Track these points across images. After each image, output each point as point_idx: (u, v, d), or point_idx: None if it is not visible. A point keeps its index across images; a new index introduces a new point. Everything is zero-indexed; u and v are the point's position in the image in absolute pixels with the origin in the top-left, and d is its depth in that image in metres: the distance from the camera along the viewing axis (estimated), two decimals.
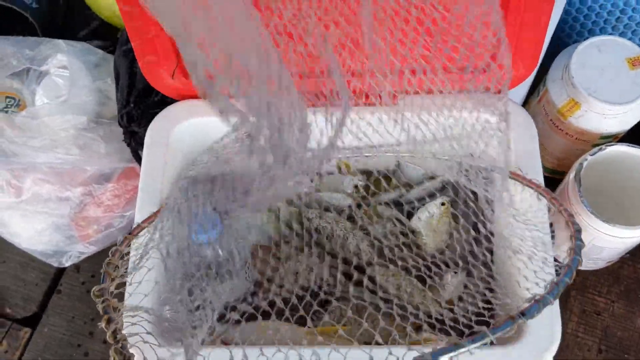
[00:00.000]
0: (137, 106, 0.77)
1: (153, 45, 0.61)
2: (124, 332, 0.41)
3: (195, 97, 0.65)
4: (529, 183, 0.61)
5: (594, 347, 0.79)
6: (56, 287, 0.87)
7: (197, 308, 0.52)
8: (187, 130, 0.65)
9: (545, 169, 0.85)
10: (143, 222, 0.57)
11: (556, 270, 0.56)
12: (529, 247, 0.59)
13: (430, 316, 0.62)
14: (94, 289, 0.45)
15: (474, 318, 0.56)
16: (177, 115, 0.65)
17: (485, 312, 0.58)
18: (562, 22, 0.83)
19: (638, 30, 0.80)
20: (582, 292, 0.82)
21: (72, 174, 0.82)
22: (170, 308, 0.52)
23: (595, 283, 0.82)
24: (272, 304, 0.59)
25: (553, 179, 0.83)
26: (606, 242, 0.71)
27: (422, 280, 0.66)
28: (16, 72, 0.84)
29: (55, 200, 0.83)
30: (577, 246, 0.51)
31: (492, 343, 0.41)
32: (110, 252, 0.52)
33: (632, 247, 0.74)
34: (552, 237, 0.61)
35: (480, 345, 0.40)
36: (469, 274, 0.66)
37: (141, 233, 0.56)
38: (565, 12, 0.82)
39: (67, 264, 0.85)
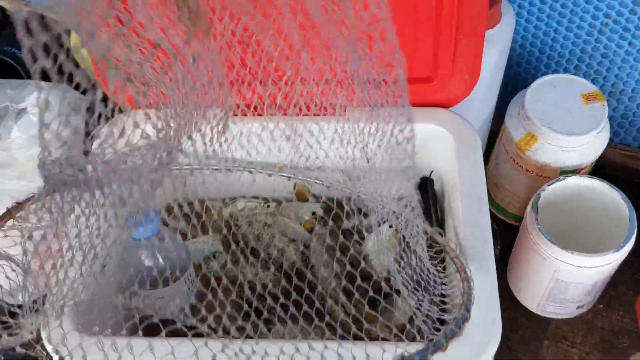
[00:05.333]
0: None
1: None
2: None
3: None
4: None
5: None
6: None
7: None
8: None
9: (510, 215, 0.83)
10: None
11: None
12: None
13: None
14: None
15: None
16: (121, 123, 0.67)
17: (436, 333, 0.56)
18: (525, 70, 0.86)
19: (597, 78, 0.81)
20: (555, 342, 0.77)
21: None
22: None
23: (568, 333, 0.77)
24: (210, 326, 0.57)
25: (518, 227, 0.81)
26: (568, 274, 0.68)
27: (374, 307, 0.63)
28: None
29: None
30: (467, 303, 0.53)
31: None
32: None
33: (597, 284, 0.70)
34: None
35: None
36: (420, 296, 0.63)
37: None
38: (527, 61, 0.84)
39: None
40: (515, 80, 0.87)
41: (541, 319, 0.78)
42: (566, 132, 0.71)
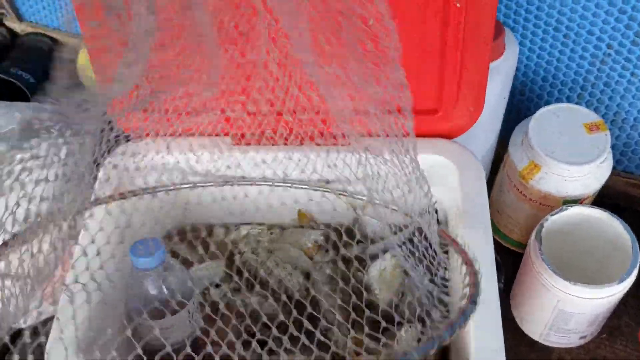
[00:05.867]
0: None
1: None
2: None
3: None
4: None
5: None
6: None
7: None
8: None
9: (513, 242, 0.83)
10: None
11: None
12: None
13: None
14: None
15: None
16: (130, 151, 0.67)
17: None
18: (529, 98, 0.86)
19: (600, 107, 0.82)
20: None
21: None
22: None
23: None
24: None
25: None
26: (571, 305, 0.68)
27: (375, 337, 0.63)
28: (2, 132, 0.88)
29: None
30: (473, 294, 0.51)
31: None
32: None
33: (600, 315, 0.70)
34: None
35: None
36: (424, 325, 0.63)
37: None
38: (530, 90, 0.85)
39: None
40: (519, 108, 0.87)
41: (544, 348, 0.78)
42: (569, 161, 0.71)
